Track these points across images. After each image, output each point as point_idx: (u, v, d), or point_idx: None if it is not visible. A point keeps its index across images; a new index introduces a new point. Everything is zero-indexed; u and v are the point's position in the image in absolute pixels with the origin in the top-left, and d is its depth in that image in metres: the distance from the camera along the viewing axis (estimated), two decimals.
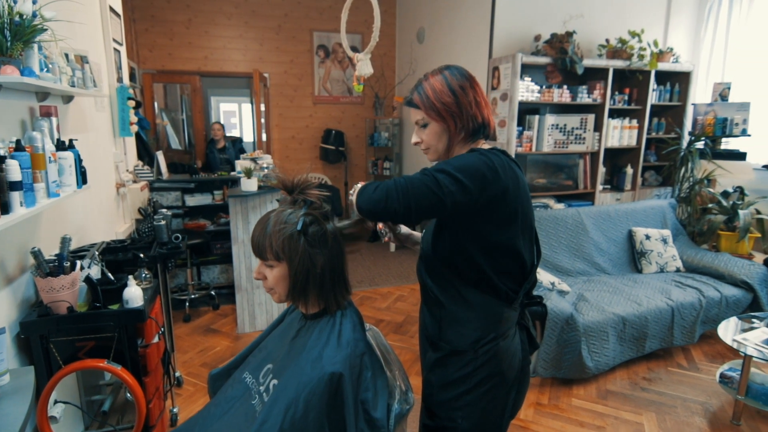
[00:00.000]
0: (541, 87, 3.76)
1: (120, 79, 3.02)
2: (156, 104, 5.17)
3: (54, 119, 1.80)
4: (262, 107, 5.29)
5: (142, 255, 1.97)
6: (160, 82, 5.17)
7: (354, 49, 3.96)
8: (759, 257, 3.49)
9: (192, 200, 3.59)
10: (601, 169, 4.09)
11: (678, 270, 3.35)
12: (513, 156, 1.17)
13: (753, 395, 2.26)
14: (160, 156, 3.52)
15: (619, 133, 4.10)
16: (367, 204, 1.03)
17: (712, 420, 2.32)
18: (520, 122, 3.78)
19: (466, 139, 1.12)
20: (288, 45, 5.37)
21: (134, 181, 3.05)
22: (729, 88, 4.03)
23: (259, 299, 3.16)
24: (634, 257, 3.43)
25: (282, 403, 0.95)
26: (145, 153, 3.68)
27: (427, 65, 5.09)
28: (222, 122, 6.84)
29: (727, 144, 4.19)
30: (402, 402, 1.06)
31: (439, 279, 1.14)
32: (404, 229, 1.38)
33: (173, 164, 4.84)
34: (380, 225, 1.33)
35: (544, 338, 2.39)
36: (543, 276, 2.81)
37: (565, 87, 3.83)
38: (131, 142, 3.29)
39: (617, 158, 4.34)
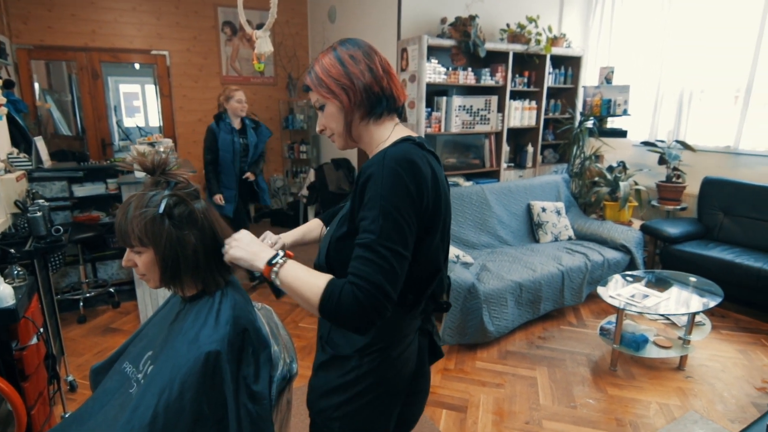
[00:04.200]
0: (448, 69, 3.89)
1: None
2: (37, 84, 4.62)
3: None
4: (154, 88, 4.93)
5: (12, 250, 1.78)
6: (40, 59, 4.61)
7: (259, 27, 3.80)
8: (637, 223, 3.94)
9: (81, 190, 3.28)
10: (505, 148, 4.34)
11: (570, 238, 3.69)
12: (424, 139, 1.01)
13: (625, 343, 2.58)
14: (40, 142, 3.17)
15: (521, 114, 4.36)
16: (362, 320, 0.85)
17: (594, 368, 2.61)
18: (429, 103, 3.89)
19: (368, 116, 0.98)
20: (189, 20, 5.02)
21: (7, 171, 2.72)
22: (613, 72, 4.43)
23: (163, 292, 3.00)
24: (533, 228, 3.72)
25: (155, 387, 0.93)
26: (21, 139, 3.28)
27: None
28: (123, 105, 6.30)
29: (612, 123, 4.63)
30: (285, 373, 1.08)
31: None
32: (289, 239, 1.22)
33: (62, 152, 4.39)
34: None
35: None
36: (450, 250, 2.96)
37: (469, 69, 3.98)
38: (2, 126, 2.92)
39: (519, 137, 4.63)
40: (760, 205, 3.48)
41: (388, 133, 1.00)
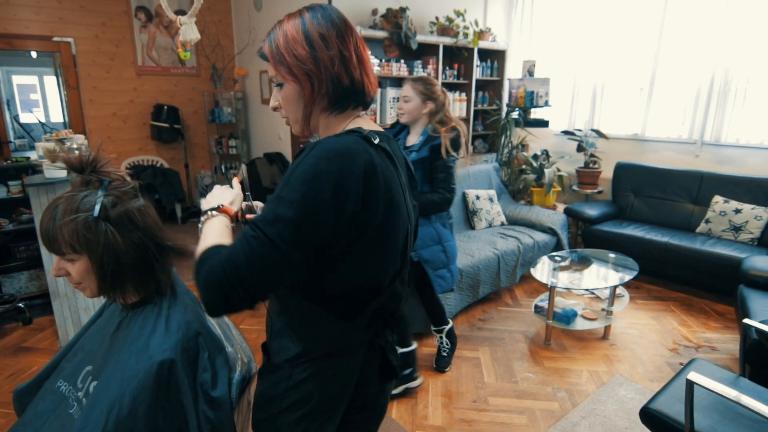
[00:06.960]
0: (381, 61, 3.90)
1: None
2: None
3: None
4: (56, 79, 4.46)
5: None
6: None
7: (181, 13, 3.55)
8: (561, 207, 4.23)
9: None
10: None
11: (502, 223, 3.88)
12: (379, 133, 0.88)
13: (557, 318, 2.77)
14: None
15: (452, 106, 4.49)
16: (207, 298, 0.76)
17: (531, 344, 2.78)
18: None
19: (331, 108, 0.87)
20: (97, 4, 4.58)
21: None
22: (534, 65, 4.69)
23: (84, 303, 2.73)
24: (468, 216, 3.86)
25: (103, 403, 0.84)
26: None
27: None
28: (17, 98, 5.67)
29: (535, 114, 4.92)
30: (245, 373, 1.03)
31: None
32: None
33: None
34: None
35: None
36: None
37: (402, 61, 4.03)
38: None
39: None
40: (665, 186, 3.88)
41: (344, 126, 0.89)
